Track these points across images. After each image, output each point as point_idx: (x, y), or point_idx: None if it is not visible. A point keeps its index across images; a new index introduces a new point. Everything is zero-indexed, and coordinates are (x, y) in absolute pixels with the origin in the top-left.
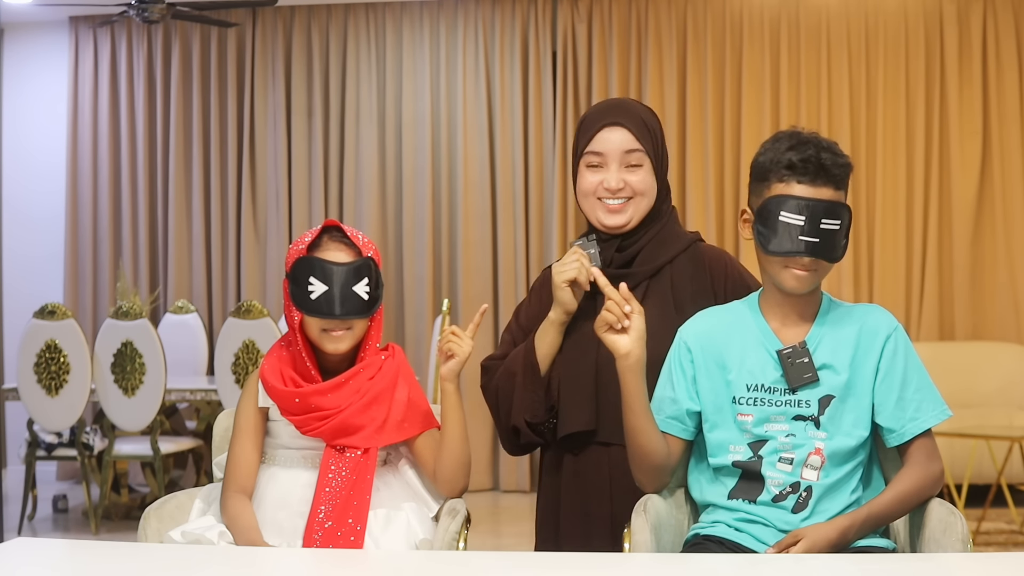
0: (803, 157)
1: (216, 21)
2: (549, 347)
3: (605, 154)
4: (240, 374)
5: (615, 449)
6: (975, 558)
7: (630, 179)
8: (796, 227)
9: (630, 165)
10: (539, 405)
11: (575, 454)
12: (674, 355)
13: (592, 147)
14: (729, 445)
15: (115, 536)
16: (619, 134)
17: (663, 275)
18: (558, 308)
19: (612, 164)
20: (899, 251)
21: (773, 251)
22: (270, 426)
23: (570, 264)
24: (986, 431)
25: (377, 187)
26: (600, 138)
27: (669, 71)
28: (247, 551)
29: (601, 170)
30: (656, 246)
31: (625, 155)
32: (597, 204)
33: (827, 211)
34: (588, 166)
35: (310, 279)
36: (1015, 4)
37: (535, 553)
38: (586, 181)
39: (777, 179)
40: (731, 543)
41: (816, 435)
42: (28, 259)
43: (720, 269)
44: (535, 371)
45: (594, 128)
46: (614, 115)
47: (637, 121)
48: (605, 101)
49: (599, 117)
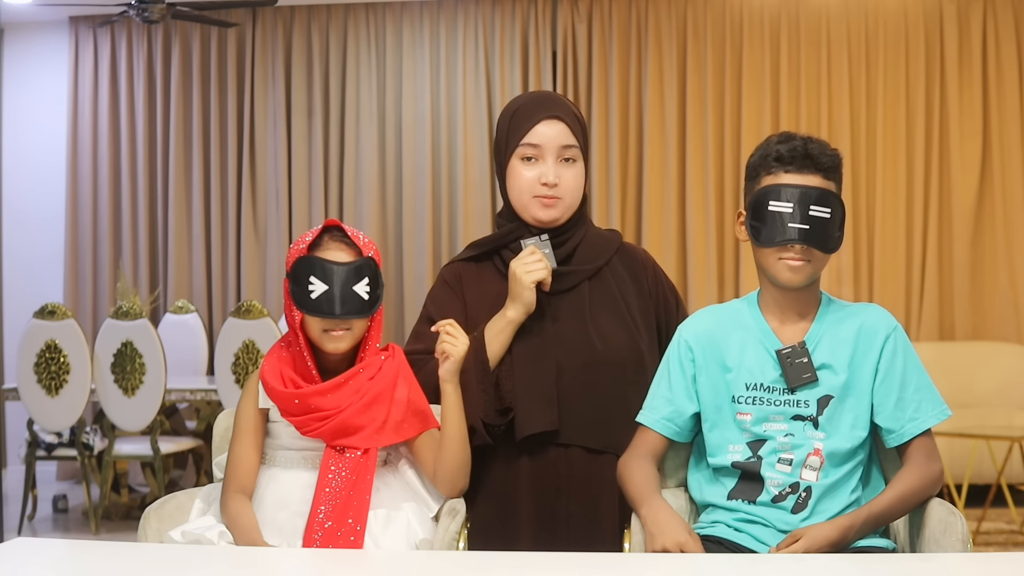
0: (790, 147)
1: (216, 21)
2: (502, 347)
3: (542, 147)
4: (240, 374)
5: (574, 450)
6: (975, 558)
7: (564, 174)
8: (786, 215)
9: (565, 159)
10: (491, 405)
11: (531, 455)
12: (673, 354)
13: (528, 139)
14: (728, 445)
15: (115, 536)
16: (557, 128)
17: (602, 276)
18: (520, 307)
19: (549, 158)
20: (899, 251)
21: (764, 242)
22: (270, 427)
23: (535, 264)
24: (986, 431)
25: (377, 187)
26: (538, 131)
27: (669, 71)
28: (247, 551)
29: (536, 163)
30: (589, 246)
31: (562, 149)
32: (532, 201)
33: (817, 198)
34: (523, 158)
35: (310, 279)
36: (1015, 4)
37: (535, 553)
38: (522, 177)
39: (766, 172)
40: (730, 543)
41: (815, 435)
42: (28, 259)
43: (650, 269)
44: (486, 370)
45: (532, 121)
46: (551, 108)
47: (571, 116)
48: (534, 93)
49: (536, 109)
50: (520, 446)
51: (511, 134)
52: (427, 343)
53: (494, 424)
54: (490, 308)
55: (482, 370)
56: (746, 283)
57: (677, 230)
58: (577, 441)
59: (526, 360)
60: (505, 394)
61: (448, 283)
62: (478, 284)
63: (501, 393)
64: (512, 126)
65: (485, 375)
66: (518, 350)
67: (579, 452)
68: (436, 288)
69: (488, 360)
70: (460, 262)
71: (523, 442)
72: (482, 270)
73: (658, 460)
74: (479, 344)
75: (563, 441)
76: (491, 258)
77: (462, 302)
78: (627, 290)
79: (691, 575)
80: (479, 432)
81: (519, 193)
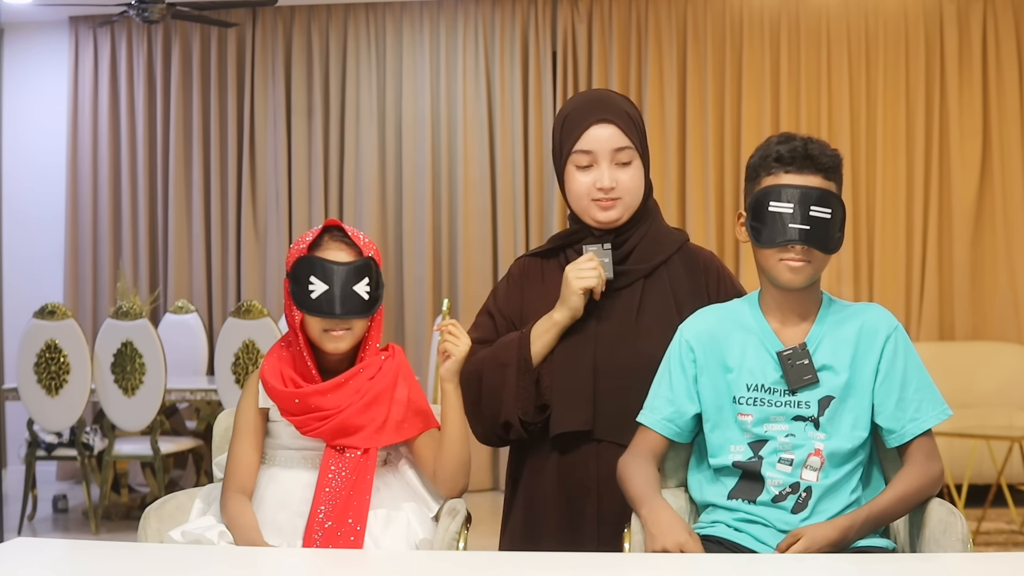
0: (790, 148)
1: (216, 21)
2: (546, 347)
3: (595, 152)
4: (240, 374)
5: (605, 446)
6: (975, 558)
7: (620, 177)
8: (786, 215)
9: (620, 163)
10: (530, 402)
11: (563, 452)
12: (675, 354)
13: (581, 146)
14: (730, 445)
15: (115, 536)
16: (608, 131)
17: (659, 275)
18: (566, 312)
19: (603, 162)
20: (899, 251)
21: (765, 243)
22: (270, 427)
23: (589, 272)
24: (986, 431)
25: (377, 187)
26: (589, 136)
27: (669, 71)
28: (247, 551)
29: (591, 169)
30: (649, 244)
31: (615, 153)
32: (591, 204)
33: (817, 199)
34: (578, 167)
35: (311, 278)
36: (1015, 4)
37: (535, 553)
38: (578, 183)
39: (766, 173)
40: (730, 543)
41: (815, 436)
42: (28, 259)
43: (713, 271)
44: (529, 367)
45: (582, 126)
46: (601, 111)
47: (624, 116)
48: (585, 95)
49: (586, 114)
50: (554, 443)
51: (564, 141)
52: (481, 333)
53: (532, 421)
54: (547, 306)
55: (524, 367)
56: (746, 283)
57: None
58: (610, 438)
59: (565, 359)
60: (543, 391)
61: (513, 276)
62: (540, 280)
63: (540, 390)
64: (564, 133)
65: (527, 372)
66: (559, 348)
67: (612, 449)
68: (502, 281)
69: (531, 358)
70: (530, 256)
71: (557, 439)
72: (547, 267)
73: (658, 460)
74: (524, 341)
75: (596, 438)
76: (558, 255)
77: (520, 297)
78: (682, 290)
79: (691, 575)
80: (515, 428)
81: (577, 199)
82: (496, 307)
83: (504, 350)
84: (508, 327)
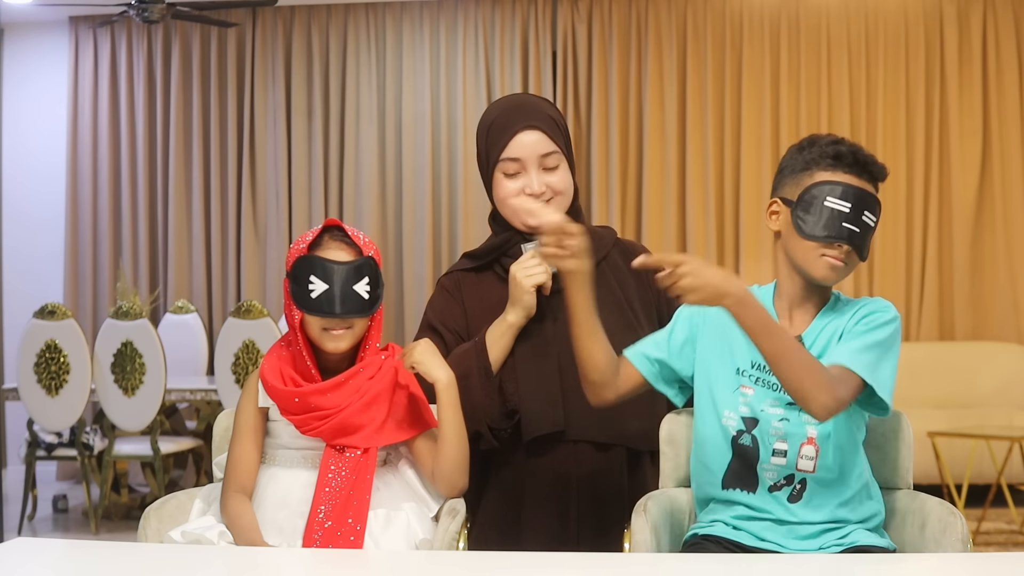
0: (849, 149)
1: (216, 21)
2: (503, 351)
3: (523, 160)
4: (240, 374)
5: (582, 446)
6: (975, 558)
7: (550, 180)
8: (842, 213)
9: (547, 167)
10: (496, 410)
11: (538, 455)
12: (685, 312)
13: (508, 154)
14: (724, 410)
15: (115, 536)
16: (534, 137)
17: (601, 271)
18: (520, 311)
19: (531, 168)
20: (899, 251)
21: (814, 234)
22: (270, 426)
23: (536, 268)
24: (986, 431)
25: (377, 187)
26: (516, 143)
27: (669, 71)
28: (247, 551)
29: (520, 176)
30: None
31: (542, 158)
32: (519, 209)
33: (869, 204)
34: (506, 174)
35: (311, 278)
36: (1015, 4)
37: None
38: (507, 190)
39: (820, 168)
40: (729, 542)
41: (809, 421)
42: (28, 259)
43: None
44: (489, 375)
45: (508, 133)
46: (526, 117)
47: (548, 121)
48: (507, 101)
49: (511, 121)
50: (528, 447)
51: (491, 149)
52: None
53: (500, 428)
54: (491, 314)
55: (485, 376)
56: (745, 278)
57: (677, 230)
58: (585, 437)
59: (528, 361)
60: (509, 396)
61: (448, 290)
62: (478, 291)
63: (505, 396)
64: (490, 141)
65: (488, 380)
66: (520, 352)
67: (587, 448)
68: (436, 296)
69: (491, 365)
70: (462, 271)
71: (531, 443)
72: (481, 278)
73: (620, 385)
74: (481, 349)
75: (571, 438)
76: (491, 267)
77: (462, 309)
78: (627, 284)
79: (691, 575)
80: (485, 437)
81: (503, 203)
82: (439, 320)
83: (461, 361)
84: (457, 341)
